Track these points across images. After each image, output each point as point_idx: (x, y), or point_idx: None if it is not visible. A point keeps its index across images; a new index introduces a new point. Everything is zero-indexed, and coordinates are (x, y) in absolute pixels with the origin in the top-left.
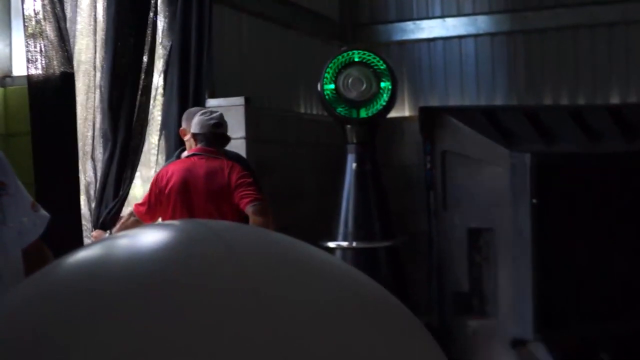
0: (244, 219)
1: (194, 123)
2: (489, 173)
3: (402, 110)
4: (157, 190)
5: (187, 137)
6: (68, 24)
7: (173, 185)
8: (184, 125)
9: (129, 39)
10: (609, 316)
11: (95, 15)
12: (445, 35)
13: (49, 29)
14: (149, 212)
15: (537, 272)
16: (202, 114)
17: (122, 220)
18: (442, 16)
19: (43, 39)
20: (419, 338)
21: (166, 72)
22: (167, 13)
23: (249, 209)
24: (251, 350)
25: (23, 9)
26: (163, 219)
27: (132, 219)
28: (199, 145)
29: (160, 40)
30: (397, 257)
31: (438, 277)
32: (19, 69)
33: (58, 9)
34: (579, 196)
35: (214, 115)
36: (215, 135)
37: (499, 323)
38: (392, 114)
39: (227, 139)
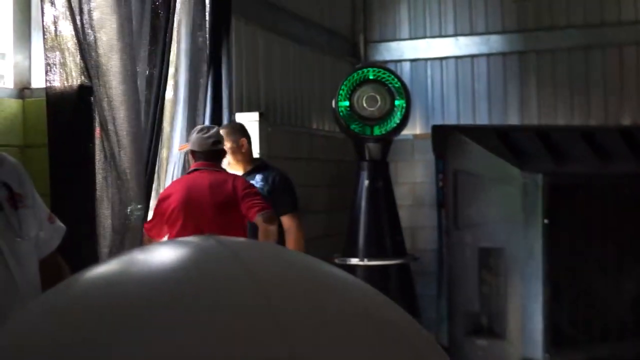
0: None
1: (192, 141)
2: (500, 192)
3: (413, 128)
4: (160, 210)
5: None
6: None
7: (177, 201)
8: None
9: (153, 51)
10: (619, 337)
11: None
12: (457, 54)
13: (68, 42)
14: (155, 230)
15: (548, 292)
16: (200, 131)
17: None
18: (455, 35)
19: (62, 51)
20: (434, 357)
21: (206, 84)
22: (189, 27)
23: (258, 218)
24: None
25: (43, 20)
26: (170, 232)
27: (145, 237)
28: (199, 161)
29: (186, 56)
30: (408, 274)
31: (448, 296)
32: (38, 81)
33: (78, 21)
34: (590, 217)
35: (212, 132)
36: (214, 152)
37: (508, 343)
38: (403, 131)
39: (225, 153)
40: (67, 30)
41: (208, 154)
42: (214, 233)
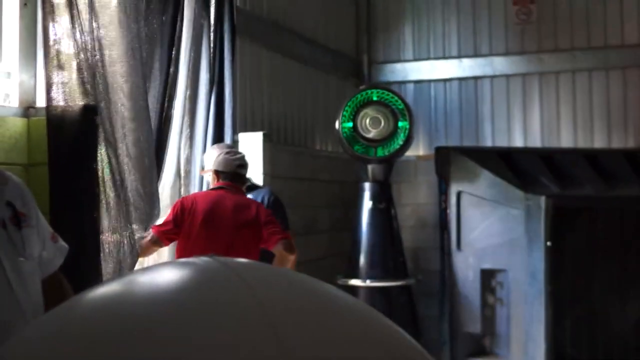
0: (264, 252)
1: (217, 161)
2: (503, 214)
3: (417, 149)
4: (181, 214)
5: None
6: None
7: (199, 212)
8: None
9: (160, 70)
10: (622, 359)
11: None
12: (461, 76)
13: (72, 61)
14: (170, 233)
15: (550, 315)
16: (227, 153)
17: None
18: (459, 56)
19: (65, 70)
20: None
21: (208, 103)
22: (193, 47)
23: (279, 246)
24: None
25: (47, 40)
26: (182, 243)
27: (148, 238)
28: (221, 181)
29: (187, 74)
30: (410, 296)
31: (450, 317)
32: (43, 100)
33: (85, 40)
34: (593, 239)
35: (238, 156)
36: (238, 174)
37: None
38: (407, 152)
39: (246, 179)
40: (71, 48)
41: (233, 176)
42: (227, 252)
